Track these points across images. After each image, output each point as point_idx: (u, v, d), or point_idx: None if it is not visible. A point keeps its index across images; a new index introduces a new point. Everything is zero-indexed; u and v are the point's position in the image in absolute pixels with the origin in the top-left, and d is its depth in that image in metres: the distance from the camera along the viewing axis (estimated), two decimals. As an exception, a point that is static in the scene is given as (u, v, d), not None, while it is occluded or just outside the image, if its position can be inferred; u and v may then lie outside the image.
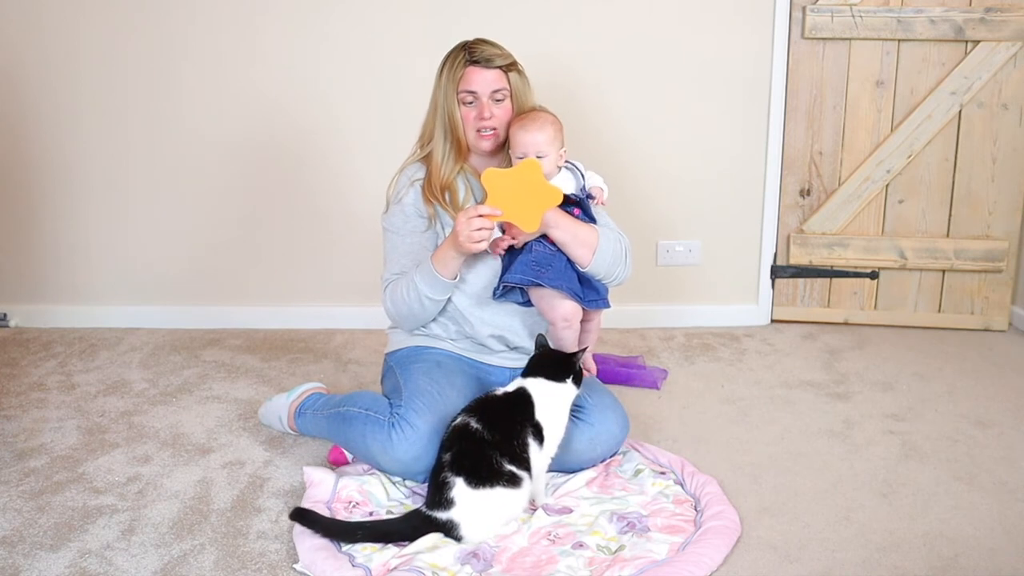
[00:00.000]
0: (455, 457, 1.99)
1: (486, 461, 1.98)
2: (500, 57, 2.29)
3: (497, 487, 1.98)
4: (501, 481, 1.98)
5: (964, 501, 2.19)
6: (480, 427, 2.01)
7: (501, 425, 2.03)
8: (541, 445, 2.08)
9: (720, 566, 1.92)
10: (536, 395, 2.10)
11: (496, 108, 2.29)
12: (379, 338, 3.16)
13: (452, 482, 1.96)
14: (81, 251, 3.52)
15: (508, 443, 2.02)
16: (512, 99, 2.31)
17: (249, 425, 2.65)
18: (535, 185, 2.15)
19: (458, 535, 1.97)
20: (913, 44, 3.25)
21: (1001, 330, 3.43)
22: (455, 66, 2.28)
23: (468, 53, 2.28)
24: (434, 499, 1.99)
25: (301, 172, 3.43)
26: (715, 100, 3.35)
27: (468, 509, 1.96)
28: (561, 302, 2.24)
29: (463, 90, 2.27)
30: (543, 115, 2.26)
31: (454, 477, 1.96)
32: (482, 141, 2.30)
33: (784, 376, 3.01)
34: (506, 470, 1.99)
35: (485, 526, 1.99)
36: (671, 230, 3.47)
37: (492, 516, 1.99)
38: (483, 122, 2.28)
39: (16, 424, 2.65)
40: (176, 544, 2.02)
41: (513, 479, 2.00)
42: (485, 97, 2.27)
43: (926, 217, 3.39)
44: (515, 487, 2.01)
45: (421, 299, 2.26)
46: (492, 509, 1.99)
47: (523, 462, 2.03)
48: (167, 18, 3.30)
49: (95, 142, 3.41)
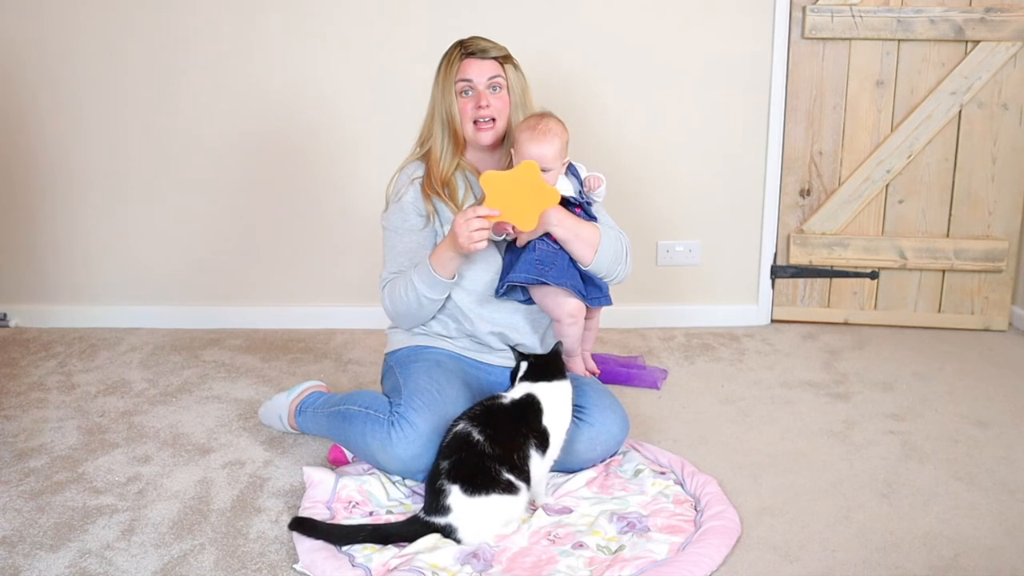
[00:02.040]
0: (453, 465, 1.98)
1: (484, 471, 1.98)
2: (495, 48, 2.33)
3: (493, 494, 1.97)
4: (498, 489, 1.98)
5: (964, 501, 2.19)
6: (482, 439, 1.99)
7: (504, 436, 2.02)
8: (543, 453, 2.07)
9: (720, 566, 1.92)
10: (545, 400, 2.10)
11: (493, 98, 2.31)
12: (379, 338, 3.16)
13: (448, 489, 1.96)
14: (81, 251, 3.52)
15: (509, 455, 2.01)
16: (509, 91, 2.33)
17: (249, 425, 2.65)
18: (533, 186, 2.16)
19: (457, 538, 1.97)
20: (913, 44, 3.25)
21: (1001, 330, 3.43)
22: (451, 61, 2.32)
23: (463, 47, 2.33)
24: (431, 505, 1.99)
25: (302, 172, 3.43)
26: (715, 100, 3.35)
27: (464, 515, 1.96)
28: (566, 299, 2.28)
29: (459, 79, 2.30)
30: (553, 127, 2.26)
31: (450, 485, 1.96)
32: (480, 134, 2.32)
33: (784, 376, 3.01)
34: (504, 479, 1.99)
35: (483, 530, 1.99)
36: (671, 230, 3.47)
37: (489, 521, 1.99)
38: (480, 111, 2.30)
39: (16, 424, 2.65)
40: (176, 544, 2.02)
41: (510, 487, 2.00)
42: (482, 86, 2.30)
43: (926, 217, 3.39)
44: (512, 494, 2.00)
45: (419, 298, 2.27)
46: (489, 515, 1.99)
47: (522, 472, 2.03)
48: (167, 18, 3.30)
49: (95, 142, 3.41)
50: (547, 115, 2.30)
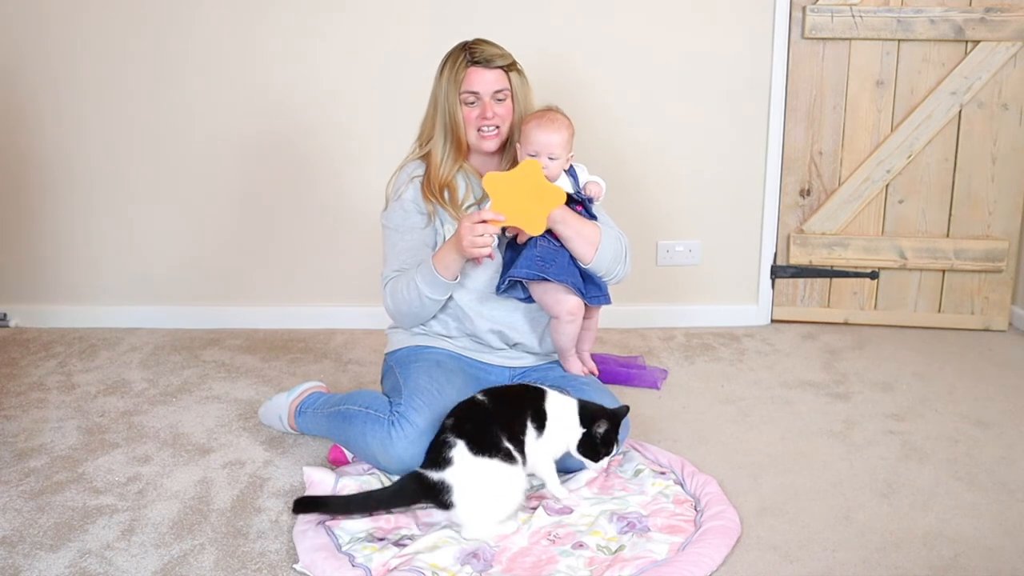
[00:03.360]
0: (457, 422, 2.05)
1: (488, 432, 2.03)
2: (501, 57, 2.32)
3: (495, 459, 2.01)
4: (499, 455, 2.01)
5: (964, 501, 2.19)
6: (486, 401, 2.09)
7: (507, 405, 2.10)
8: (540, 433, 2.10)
9: (720, 566, 1.92)
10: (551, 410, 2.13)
11: (498, 108, 2.32)
12: (379, 338, 3.16)
13: (453, 442, 2.01)
14: (81, 251, 3.52)
15: (510, 421, 2.06)
16: (513, 99, 2.34)
17: (249, 425, 2.65)
18: (537, 186, 2.16)
19: (448, 500, 1.99)
20: (913, 44, 3.25)
21: (1001, 330, 3.43)
22: (456, 67, 2.30)
23: (469, 54, 2.30)
24: (431, 458, 2.03)
25: (301, 172, 3.43)
26: (715, 100, 3.35)
27: (463, 473, 1.99)
28: (566, 297, 2.29)
29: (465, 90, 2.29)
30: (561, 118, 2.29)
31: (455, 439, 2.01)
32: (484, 141, 2.33)
33: (784, 376, 3.01)
34: (504, 446, 2.02)
35: (476, 498, 1.99)
36: (671, 230, 3.47)
37: (485, 489, 2.00)
38: (485, 121, 2.30)
39: (16, 424, 2.65)
40: (176, 544, 2.02)
41: (510, 457, 2.03)
42: (487, 97, 2.30)
43: (926, 217, 3.39)
44: (511, 464, 2.03)
45: (421, 298, 2.27)
46: (487, 481, 2.00)
47: (519, 443, 2.06)
48: (169, 18, 3.30)
49: (96, 141, 3.41)
50: (553, 108, 2.33)
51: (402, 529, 2.04)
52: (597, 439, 2.12)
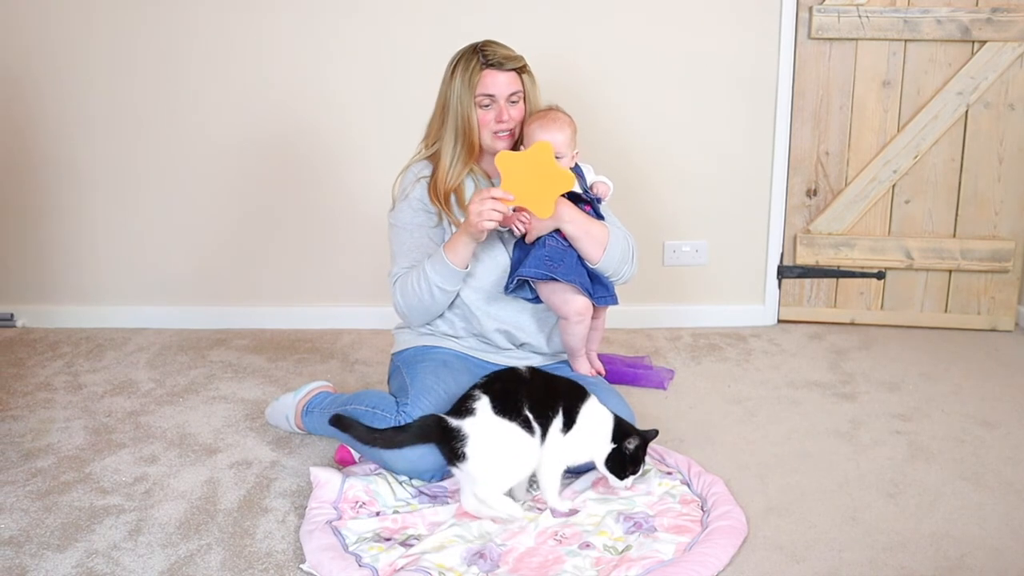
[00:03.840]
0: (490, 381, 2.09)
1: (514, 397, 2.05)
2: (513, 60, 2.33)
3: (514, 424, 2.02)
4: (519, 420, 2.03)
5: (971, 501, 2.19)
6: (526, 373, 2.13)
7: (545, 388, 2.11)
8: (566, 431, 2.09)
9: (727, 566, 1.92)
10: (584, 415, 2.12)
11: (512, 110, 2.32)
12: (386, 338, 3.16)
13: (479, 396, 2.05)
14: (88, 251, 3.53)
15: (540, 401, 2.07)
16: (526, 101, 2.35)
17: (256, 425, 2.65)
18: (548, 168, 2.16)
19: (461, 450, 2.00)
20: (920, 44, 3.24)
21: (1008, 330, 3.42)
22: (470, 69, 2.29)
23: (482, 56, 2.29)
24: (456, 407, 2.07)
25: (307, 172, 3.43)
26: (721, 100, 3.35)
27: (481, 426, 2.01)
28: (574, 297, 2.30)
29: (481, 93, 2.29)
30: (562, 116, 2.30)
31: (483, 394, 2.05)
32: (499, 142, 2.34)
33: (791, 376, 3.00)
34: (525, 414, 2.04)
35: (488, 454, 2.01)
36: (678, 230, 3.47)
37: (499, 448, 2.02)
38: (501, 125, 2.31)
39: (23, 424, 2.66)
40: (183, 544, 2.03)
41: (528, 425, 2.04)
42: (503, 100, 2.30)
43: (932, 217, 3.38)
44: (529, 432, 2.03)
45: (432, 289, 2.27)
46: (501, 441, 2.01)
47: (543, 424, 2.06)
48: (175, 19, 3.31)
49: (102, 142, 3.42)
50: (554, 107, 2.34)
51: (409, 529, 2.04)
52: (626, 456, 2.11)
